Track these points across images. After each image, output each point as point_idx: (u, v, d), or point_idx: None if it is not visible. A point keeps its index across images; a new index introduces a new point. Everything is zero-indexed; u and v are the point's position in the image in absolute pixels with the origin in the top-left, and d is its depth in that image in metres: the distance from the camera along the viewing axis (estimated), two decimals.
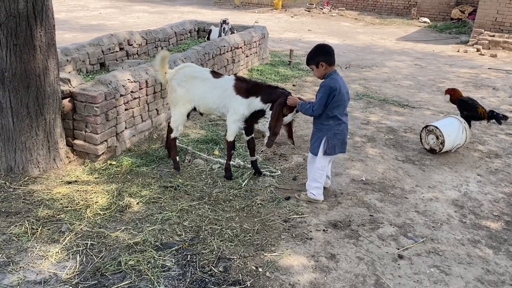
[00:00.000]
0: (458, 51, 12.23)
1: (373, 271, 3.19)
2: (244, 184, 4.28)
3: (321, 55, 3.74)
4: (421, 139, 5.35)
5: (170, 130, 4.46)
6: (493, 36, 12.69)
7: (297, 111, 4.01)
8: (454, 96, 5.51)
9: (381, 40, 13.73)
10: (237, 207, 3.90)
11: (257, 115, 4.24)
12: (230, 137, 4.29)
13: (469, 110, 5.34)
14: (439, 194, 4.33)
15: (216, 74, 4.33)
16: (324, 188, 4.12)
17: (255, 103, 4.13)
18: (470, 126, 5.34)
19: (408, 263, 3.29)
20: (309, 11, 19.46)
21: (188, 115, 4.45)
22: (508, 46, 12.23)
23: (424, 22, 17.15)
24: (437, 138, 5.11)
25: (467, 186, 4.54)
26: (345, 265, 3.23)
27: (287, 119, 4.08)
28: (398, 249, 3.45)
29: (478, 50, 12.21)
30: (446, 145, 5.06)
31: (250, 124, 4.31)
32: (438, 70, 9.86)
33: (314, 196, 4.01)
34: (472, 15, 15.84)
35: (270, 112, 4.07)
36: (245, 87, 4.16)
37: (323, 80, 3.80)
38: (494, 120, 5.34)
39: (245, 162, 4.69)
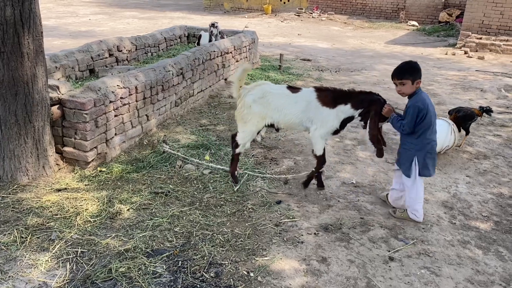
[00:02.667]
0: (446, 54, 12.36)
1: (364, 273, 3.20)
2: (236, 189, 4.28)
3: (419, 72, 3.62)
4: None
5: (236, 145, 4.30)
6: (480, 38, 12.85)
7: (387, 121, 3.92)
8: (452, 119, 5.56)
9: (370, 44, 13.84)
10: (228, 212, 3.89)
11: (346, 122, 4.07)
12: (319, 152, 4.14)
13: (470, 118, 5.46)
14: (429, 196, 4.37)
15: (293, 89, 4.17)
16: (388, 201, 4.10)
17: (345, 110, 3.96)
18: (468, 132, 5.52)
19: (398, 265, 3.31)
20: (298, 15, 19.56)
21: (258, 132, 4.33)
22: (495, 48, 12.39)
23: (413, 25, 17.32)
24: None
25: (456, 188, 4.58)
26: (336, 268, 3.24)
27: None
28: (389, 251, 3.47)
29: (465, 52, 12.34)
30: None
31: (338, 132, 4.16)
32: (426, 72, 9.95)
33: (416, 217, 3.86)
34: (459, 18, 16.04)
35: (359, 117, 3.97)
36: (331, 96, 4.00)
37: (410, 99, 3.68)
38: (485, 114, 5.56)
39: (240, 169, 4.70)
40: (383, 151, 3.95)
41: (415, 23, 17.48)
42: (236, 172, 4.42)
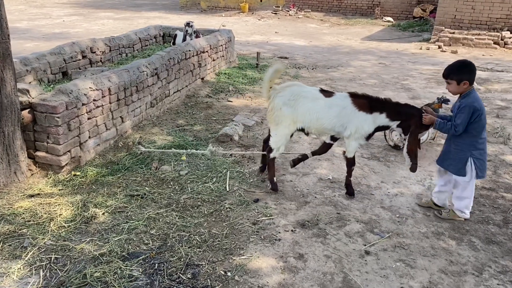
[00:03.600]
0: (420, 49, 12.55)
1: (341, 268, 3.23)
2: (214, 188, 4.27)
3: (467, 73, 3.59)
4: (385, 136, 5.46)
5: (270, 149, 4.21)
6: (453, 33, 13.09)
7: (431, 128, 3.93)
8: None
9: (346, 41, 13.95)
10: (206, 212, 3.88)
11: (379, 130, 4.07)
12: (350, 154, 4.12)
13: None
14: (404, 189, 4.43)
15: (326, 93, 4.09)
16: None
17: (380, 119, 3.94)
18: None
19: (374, 259, 3.35)
20: (276, 13, 19.59)
21: (291, 135, 4.21)
22: (467, 42, 12.64)
23: (388, 21, 17.54)
24: (401, 134, 5.22)
25: (430, 180, 4.66)
26: (313, 264, 3.26)
27: (420, 135, 4.04)
28: (365, 245, 3.51)
29: (439, 47, 12.57)
30: None
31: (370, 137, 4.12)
32: (401, 68, 10.10)
33: (465, 215, 3.88)
34: (433, 13, 16.30)
35: (398, 128, 3.99)
36: (368, 103, 3.95)
37: (462, 98, 3.66)
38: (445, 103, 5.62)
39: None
40: (416, 166, 3.94)
41: (390, 19, 17.70)
42: (274, 178, 4.31)
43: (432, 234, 3.71)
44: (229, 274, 3.11)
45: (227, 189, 4.27)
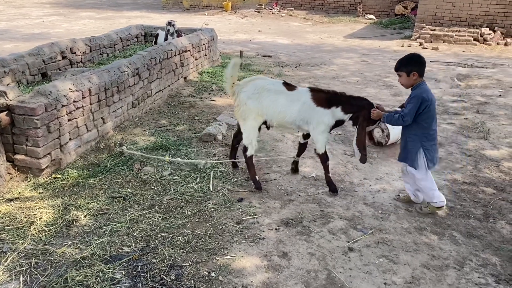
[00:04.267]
0: (402, 46, 12.68)
1: (325, 265, 3.24)
2: (197, 188, 4.24)
3: (416, 65, 3.66)
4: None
5: (245, 148, 4.25)
6: (434, 30, 13.26)
7: (378, 123, 3.98)
8: None
9: (329, 39, 14.02)
10: (189, 213, 3.85)
11: (337, 125, 4.14)
12: (321, 149, 4.15)
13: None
14: (386, 186, 4.47)
15: (289, 86, 4.14)
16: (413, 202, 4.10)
17: (337, 113, 4.02)
18: None
19: (358, 255, 3.37)
20: (259, 12, 19.59)
21: (259, 129, 4.24)
22: (448, 39, 12.81)
23: (370, 19, 17.68)
24: (383, 131, 5.27)
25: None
26: (297, 262, 3.26)
27: (369, 128, 4.11)
28: (348, 242, 3.53)
29: (421, 44, 12.72)
30: (392, 138, 5.24)
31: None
32: (383, 65, 10.19)
33: (440, 203, 3.89)
34: (414, 10, 16.48)
35: (350, 121, 4.04)
36: (325, 97, 4.03)
37: (413, 89, 3.72)
38: None
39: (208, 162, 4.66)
40: (366, 160, 4.03)
41: (373, 16, 17.85)
42: (257, 176, 4.33)
43: (414, 229, 3.75)
44: (213, 274, 3.10)
45: (211, 189, 4.25)
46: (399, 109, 3.96)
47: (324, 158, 4.21)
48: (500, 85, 8.40)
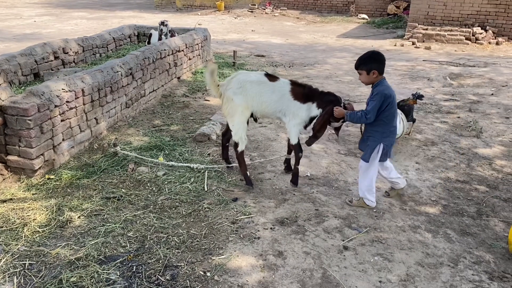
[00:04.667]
0: (395, 45, 12.73)
1: (320, 264, 3.25)
2: (192, 188, 4.23)
3: (375, 63, 3.69)
4: (361, 132, 5.51)
5: (236, 144, 4.30)
6: (427, 29, 13.32)
7: (343, 121, 4.04)
8: None
9: (322, 38, 14.05)
10: (184, 213, 3.85)
11: (312, 120, 4.19)
12: (294, 140, 4.23)
13: (409, 111, 5.60)
14: (380, 184, 4.48)
15: (271, 77, 4.22)
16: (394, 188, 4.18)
17: (312, 109, 4.11)
18: (414, 120, 5.70)
19: (353, 254, 3.38)
20: (252, 11, 19.58)
21: (247, 123, 4.32)
22: (440, 38, 12.89)
23: (363, 18, 17.74)
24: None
25: (406, 175, 4.73)
26: (292, 261, 3.27)
27: (335, 125, 4.16)
28: (343, 240, 3.54)
29: (413, 43, 12.77)
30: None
31: (305, 127, 4.30)
32: None
33: (371, 202, 3.98)
34: (406, 10, 16.55)
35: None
36: (302, 92, 4.12)
37: (374, 87, 3.75)
38: (419, 99, 5.69)
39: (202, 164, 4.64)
40: (313, 143, 4.22)
41: (365, 16, 17.91)
42: (248, 172, 4.38)
43: (408, 227, 3.77)
44: (208, 274, 3.09)
45: (206, 189, 4.24)
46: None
47: (297, 150, 4.28)
48: (492, 84, 8.47)
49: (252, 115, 4.31)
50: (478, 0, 13.16)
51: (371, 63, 3.70)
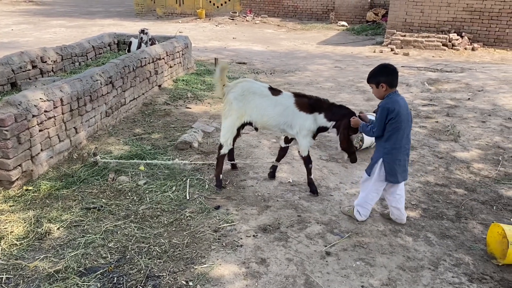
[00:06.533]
0: (374, 52, 12.93)
1: (303, 270, 3.25)
2: (173, 197, 4.20)
3: (383, 76, 3.56)
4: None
5: (220, 146, 4.39)
6: (405, 36, 13.57)
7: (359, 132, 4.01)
8: None
9: (303, 45, 14.17)
10: (165, 222, 3.81)
11: (320, 130, 4.19)
12: (304, 152, 4.27)
13: None
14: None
15: (274, 91, 4.24)
16: (394, 220, 3.96)
17: (319, 119, 4.10)
18: None
19: (335, 259, 3.40)
20: (233, 19, 19.65)
21: (239, 130, 4.36)
22: (418, 44, 13.14)
23: (342, 25, 17.97)
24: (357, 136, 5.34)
25: None
26: (275, 268, 3.26)
27: (353, 137, 4.14)
28: (326, 246, 3.56)
29: (392, 49, 12.98)
30: (366, 142, 5.32)
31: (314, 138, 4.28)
32: (356, 70, 10.36)
33: (359, 215, 3.89)
34: (385, 17, 16.85)
35: (334, 129, 4.08)
36: (307, 103, 4.12)
37: (381, 100, 3.65)
38: None
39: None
40: (356, 158, 4.13)
41: (345, 23, 18.15)
42: (221, 175, 4.44)
43: (390, 231, 3.81)
44: (191, 283, 3.07)
45: (187, 198, 4.22)
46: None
47: (307, 161, 4.32)
48: (468, 88, 8.65)
49: (250, 124, 4.32)
50: (454, 7, 13.48)
51: (379, 76, 3.58)
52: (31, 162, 4.42)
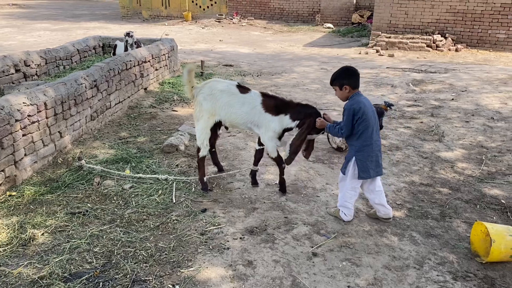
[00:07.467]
0: (360, 53, 13.03)
1: (289, 272, 3.26)
2: (159, 201, 4.18)
3: (346, 78, 3.66)
4: (328, 139, 5.61)
5: (198, 149, 4.38)
6: (389, 37, 13.72)
7: (323, 132, 4.02)
8: None
9: (289, 47, 14.23)
10: (152, 226, 3.79)
11: (286, 131, 4.18)
12: (273, 154, 4.25)
13: (380, 115, 5.69)
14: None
15: (243, 89, 4.22)
16: (382, 217, 3.98)
17: (285, 120, 4.08)
18: (382, 126, 5.73)
19: (322, 260, 3.42)
20: (219, 21, 19.65)
21: (214, 131, 4.37)
22: (402, 46, 13.28)
23: (328, 27, 18.09)
24: None
25: None
26: (262, 270, 3.27)
27: (313, 136, 4.11)
28: (312, 247, 3.57)
29: (377, 51, 13.11)
30: None
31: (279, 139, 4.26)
32: None
33: (344, 216, 3.93)
34: (370, 19, 17.01)
35: (297, 129, 4.04)
36: (273, 104, 4.10)
37: (346, 102, 3.73)
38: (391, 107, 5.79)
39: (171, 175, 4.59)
40: (292, 162, 4.11)
41: (331, 25, 18.27)
42: (205, 178, 4.43)
43: (375, 231, 3.84)
44: (177, 287, 3.05)
45: (174, 201, 4.20)
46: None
47: (278, 161, 4.32)
48: (452, 89, 8.77)
49: (220, 123, 4.33)
50: (438, 8, 13.66)
51: (342, 78, 3.69)
52: (14, 167, 4.36)
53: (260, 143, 4.43)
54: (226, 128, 4.47)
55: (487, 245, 3.43)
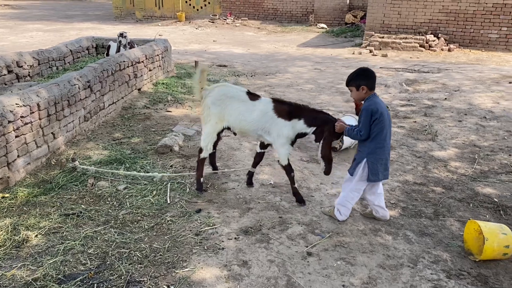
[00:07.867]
0: (353, 53, 13.08)
1: (284, 271, 3.27)
2: (154, 202, 4.17)
3: (364, 79, 3.65)
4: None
5: (200, 150, 4.35)
6: (383, 37, 13.78)
7: (342, 136, 3.98)
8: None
9: (283, 48, 14.25)
10: (146, 226, 3.78)
11: (299, 136, 4.11)
12: (284, 162, 4.16)
13: None
14: (341, 189, 4.56)
15: (253, 96, 4.17)
16: (379, 219, 4.00)
17: (299, 125, 4.01)
18: None
19: (316, 259, 3.43)
20: (213, 22, 19.64)
21: (218, 134, 4.32)
22: (396, 46, 13.35)
23: (322, 28, 18.14)
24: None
25: None
26: (257, 270, 3.27)
27: (334, 143, 4.10)
28: (307, 246, 3.58)
29: (371, 51, 13.17)
30: (345, 143, 5.38)
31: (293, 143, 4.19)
32: (336, 72, 10.47)
33: (340, 215, 3.92)
34: (363, 19, 17.08)
35: (313, 135, 4.02)
36: (287, 110, 4.03)
37: (362, 103, 3.72)
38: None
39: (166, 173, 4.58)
40: (331, 171, 4.05)
41: (324, 25, 18.32)
42: (201, 179, 4.42)
43: (370, 231, 3.86)
44: None
45: (168, 202, 4.20)
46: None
47: (288, 170, 4.22)
48: (445, 88, 8.83)
49: (229, 129, 4.28)
50: (430, 9, 13.75)
51: (360, 79, 3.67)
52: (7, 168, 4.33)
53: (262, 147, 4.40)
54: (235, 134, 4.41)
55: (480, 243, 3.46)
